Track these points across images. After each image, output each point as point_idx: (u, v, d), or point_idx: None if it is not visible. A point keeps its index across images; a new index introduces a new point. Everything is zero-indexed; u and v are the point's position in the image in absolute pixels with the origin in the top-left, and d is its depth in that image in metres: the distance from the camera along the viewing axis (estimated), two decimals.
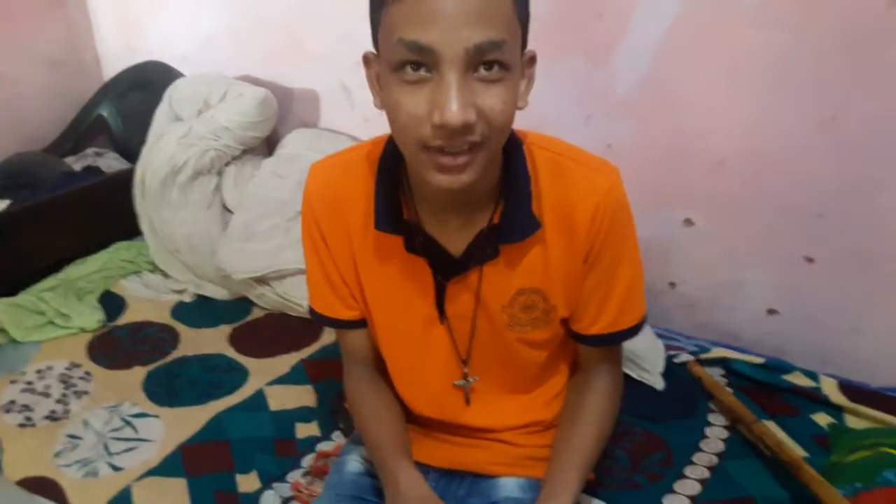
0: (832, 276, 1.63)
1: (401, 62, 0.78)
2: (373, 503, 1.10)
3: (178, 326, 1.90)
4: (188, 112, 2.16)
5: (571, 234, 0.96)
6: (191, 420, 1.52)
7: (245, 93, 2.12)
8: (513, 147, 0.94)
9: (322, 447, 1.44)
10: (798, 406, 1.49)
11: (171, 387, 1.65)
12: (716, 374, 1.59)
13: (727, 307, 1.81)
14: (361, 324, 1.11)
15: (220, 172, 2.12)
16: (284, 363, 1.73)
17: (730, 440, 1.41)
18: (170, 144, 2.06)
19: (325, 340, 1.81)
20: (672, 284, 1.86)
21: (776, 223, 1.66)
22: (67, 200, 2.11)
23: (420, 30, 0.75)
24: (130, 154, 2.45)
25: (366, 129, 2.16)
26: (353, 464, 1.17)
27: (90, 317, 1.88)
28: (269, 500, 1.30)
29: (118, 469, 1.40)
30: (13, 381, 1.66)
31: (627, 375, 1.49)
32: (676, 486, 1.30)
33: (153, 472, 1.38)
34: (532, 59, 0.88)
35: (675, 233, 1.80)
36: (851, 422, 1.44)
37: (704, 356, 1.64)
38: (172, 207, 2.05)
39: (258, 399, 1.59)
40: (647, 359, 1.58)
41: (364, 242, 1.02)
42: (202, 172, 2.06)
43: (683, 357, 1.64)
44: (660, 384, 1.56)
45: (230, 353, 1.78)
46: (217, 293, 2.05)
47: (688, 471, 1.33)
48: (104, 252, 2.17)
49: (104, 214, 2.20)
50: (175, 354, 1.78)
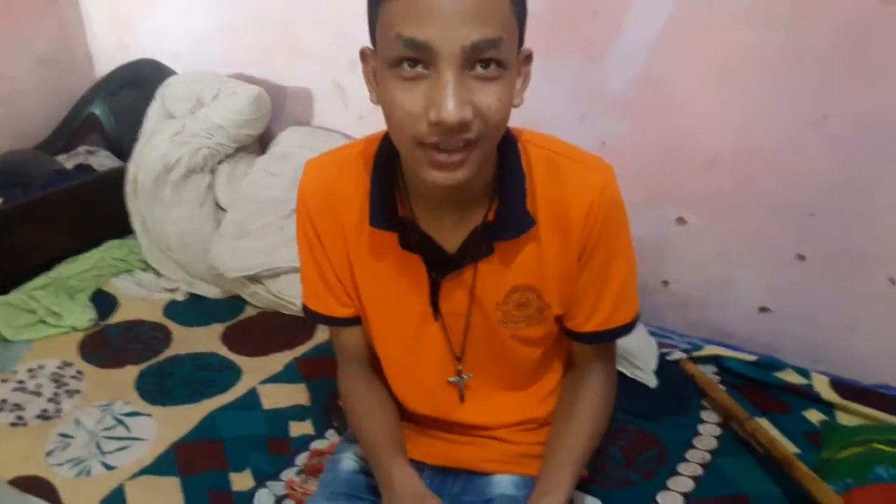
0: (824, 274, 1.64)
1: (398, 58, 0.78)
2: (367, 501, 1.10)
3: (171, 325, 1.90)
4: (181, 110, 2.15)
5: (566, 232, 0.96)
6: (184, 419, 1.51)
7: (238, 91, 2.11)
8: (508, 144, 0.94)
9: (316, 445, 1.44)
10: (790, 403, 1.50)
11: (164, 385, 1.64)
12: (709, 372, 1.60)
13: (720, 305, 1.81)
14: (356, 321, 1.11)
15: (214, 170, 2.12)
16: (277, 362, 1.72)
17: (723, 437, 1.42)
18: (163, 142, 2.05)
19: (319, 339, 1.81)
20: (665, 283, 1.87)
21: (768, 221, 1.67)
22: (59, 198, 2.10)
23: (418, 26, 0.75)
24: (122, 152, 2.44)
25: (359, 127, 2.16)
26: (348, 462, 1.17)
27: (82, 315, 1.87)
28: (263, 499, 1.30)
29: (111, 468, 1.39)
30: (4, 380, 1.65)
31: (621, 373, 1.49)
32: (670, 483, 1.30)
33: (146, 471, 1.38)
34: (528, 57, 0.88)
35: (668, 231, 1.80)
36: (843, 419, 1.45)
37: (697, 354, 1.65)
38: (165, 205, 2.04)
39: (251, 398, 1.59)
40: (641, 357, 1.58)
41: (359, 239, 1.02)
42: (195, 170, 2.05)
43: (676, 355, 1.65)
44: (653, 382, 1.57)
45: (223, 352, 1.77)
46: (210, 292, 2.04)
47: (681, 468, 1.34)
48: (96, 250, 2.16)
49: (96, 213, 2.19)
50: (167, 353, 1.77)
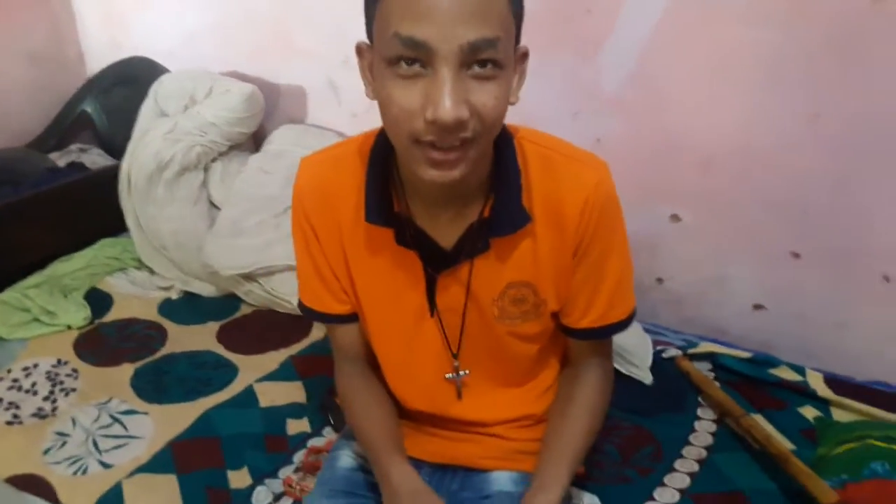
0: (818, 272, 1.65)
1: (395, 56, 0.78)
2: (365, 498, 1.10)
3: (166, 323, 1.89)
4: (174, 108, 2.15)
5: (561, 228, 0.97)
6: (180, 417, 1.51)
7: (231, 88, 2.11)
8: (504, 141, 0.95)
9: (313, 443, 1.44)
10: (785, 400, 1.51)
11: (160, 384, 1.64)
12: (704, 369, 1.61)
13: (714, 302, 1.82)
14: (352, 318, 1.11)
15: (207, 168, 2.11)
16: (273, 360, 1.72)
17: (718, 434, 1.42)
18: (155, 140, 2.04)
19: (314, 337, 1.81)
20: (659, 280, 1.87)
21: (762, 219, 1.68)
22: (52, 197, 2.09)
23: (416, 25, 0.75)
24: (115, 150, 2.43)
25: (353, 126, 2.16)
26: (346, 459, 1.17)
27: (76, 314, 1.86)
28: (261, 496, 1.30)
29: (108, 466, 1.39)
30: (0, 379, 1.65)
31: (616, 370, 1.49)
32: (666, 480, 1.31)
33: (143, 469, 1.37)
34: (525, 55, 0.89)
35: (663, 228, 1.81)
36: (838, 415, 1.46)
37: (692, 351, 1.66)
38: (158, 204, 2.04)
39: (248, 395, 1.59)
40: (636, 354, 1.59)
41: (355, 236, 1.02)
42: (188, 168, 2.05)
43: (671, 352, 1.65)
44: (648, 379, 1.57)
45: (219, 350, 1.77)
46: (204, 290, 2.04)
47: (677, 464, 1.35)
48: (90, 249, 2.15)
49: (89, 211, 2.18)
50: (163, 351, 1.77)
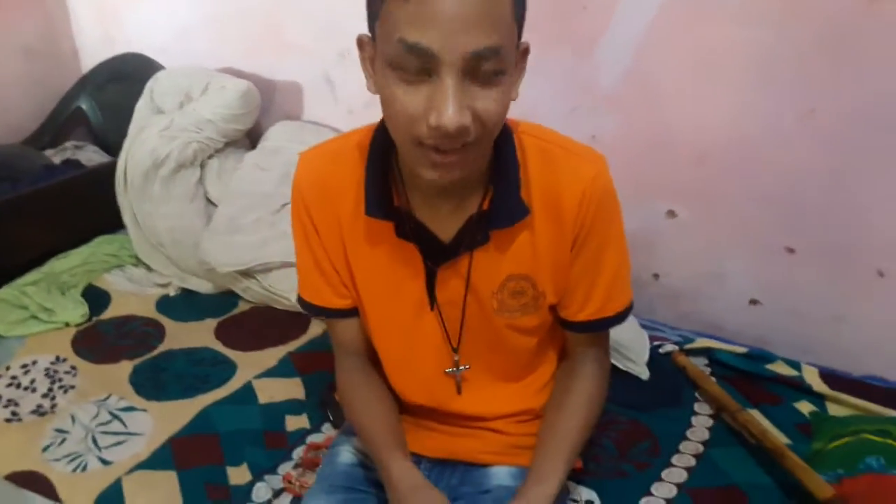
0: (813, 267, 1.66)
1: (400, 61, 0.79)
2: (365, 493, 1.11)
3: (164, 320, 1.89)
4: (170, 104, 2.14)
5: (559, 221, 0.98)
6: (179, 413, 1.51)
7: (227, 85, 2.11)
8: (503, 135, 0.95)
9: (312, 439, 1.44)
10: (781, 395, 1.52)
11: (158, 381, 1.64)
12: (700, 364, 1.62)
13: (710, 298, 1.83)
14: (352, 313, 1.12)
15: (203, 165, 2.11)
16: (272, 356, 1.72)
17: (715, 428, 1.43)
18: (152, 137, 2.04)
19: (313, 333, 1.81)
20: (656, 276, 1.88)
21: (758, 215, 1.68)
22: (49, 194, 2.08)
23: (422, 33, 0.76)
24: (110, 147, 2.43)
25: (349, 122, 2.16)
26: (346, 455, 1.17)
27: (74, 311, 1.86)
28: (261, 493, 1.30)
29: (107, 463, 1.39)
30: None
31: (613, 366, 1.51)
32: (663, 474, 1.32)
33: (143, 466, 1.37)
34: (525, 52, 0.89)
35: (659, 225, 1.82)
36: (833, 409, 1.47)
37: (689, 346, 1.67)
38: (155, 201, 2.03)
39: (246, 392, 1.59)
40: (633, 349, 1.59)
41: (354, 229, 1.03)
42: (185, 165, 2.05)
43: (668, 347, 1.66)
44: (645, 374, 1.58)
45: (217, 347, 1.77)
46: (202, 287, 2.04)
47: (674, 459, 1.35)
48: (87, 246, 2.14)
49: (86, 208, 2.17)
50: (161, 348, 1.76)
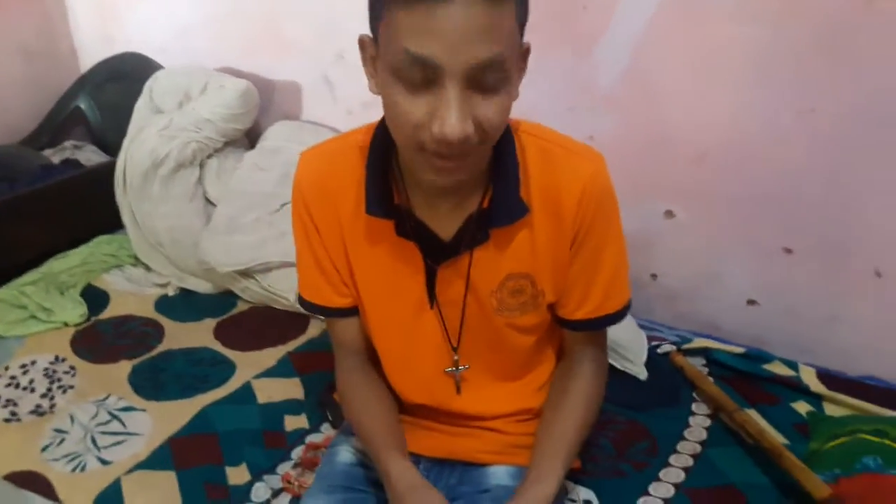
0: (810, 267, 1.66)
1: (403, 70, 0.79)
2: (364, 493, 1.11)
3: (163, 320, 1.89)
4: (169, 104, 2.14)
5: (558, 219, 0.99)
6: (178, 413, 1.51)
7: (226, 84, 2.11)
8: (504, 135, 0.95)
9: (311, 439, 1.44)
10: (778, 395, 1.52)
11: (157, 381, 1.64)
12: (698, 364, 1.62)
13: (708, 298, 1.83)
14: (352, 312, 1.12)
15: (202, 165, 2.11)
16: (271, 356, 1.72)
17: (712, 429, 1.44)
18: (151, 137, 2.04)
19: (312, 333, 1.81)
20: (654, 276, 1.89)
21: (755, 215, 1.69)
22: (48, 194, 2.08)
23: (426, 44, 0.76)
24: (109, 146, 2.43)
25: (348, 122, 2.16)
26: (345, 454, 1.17)
27: (73, 311, 1.86)
28: (260, 492, 1.30)
29: (106, 463, 1.39)
30: None
31: (611, 366, 1.51)
32: (661, 474, 1.32)
33: (142, 466, 1.38)
34: (526, 52, 0.89)
35: (657, 225, 1.82)
36: (830, 409, 1.47)
37: (686, 346, 1.67)
38: (154, 201, 2.03)
39: (245, 392, 1.59)
40: (631, 349, 1.60)
41: (355, 228, 1.03)
42: (184, 165, 2.05)
43: (666, 347, 1.67)
44: (643, 374, 1.59)
45: (216, 347, 1.77)
46: (200, 287, 2.04)
47: (672, 459, 1.36)
48: (85, 246, 2.14)
49: (85, 208, 2.17)
50: (160, 348, 1.77)
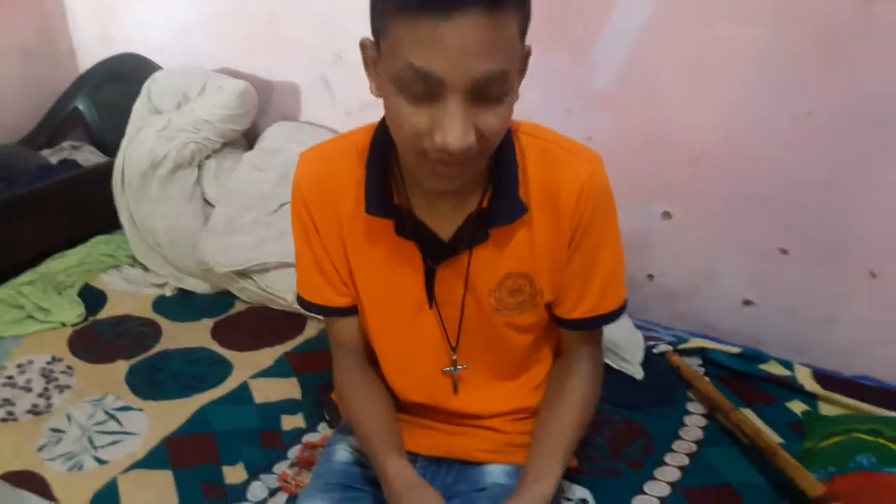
0: (806, 268, 1.67)
1: (406, 82, 0.79)
2: (362, 491, 1.11)
3: (160, 320, 1.89)
4: (168, 105, 2.15)
5: (557, 217, 0.99)
6: (175, 413, 1.52)
7: (225, 85, 2.11)
8: (504, 136, 0.96)
9: (308, 438, 1.44)
10: (774, 394, 1.53)
11: (154, 380, 1.64)
12: (694, 364, 1.63)
13: (704, 298, 1.84)
14: (351, 311, 1.13)
15: (201, 166, 2.11)
16: (268, 356, 1.73)
17: (708, 428, 1.44)
18: (149, 137, 2.04)
19: (309, 333, 1.81)
20: (650, 276, 1.89)
21: (752, 216, 1.69)
22: (46, 194, 2.08)
23: (430, 58, 0.76)
24: (106, 147, 2.43)
25: (347, 123, 2.16)
26: (342, 453, 1.18)
27: (70, 311, 1.86)
28: (257, 492, 1.31)
29: (103, 462, 1.39)
30: None
31: (607, 366, 1.52)
32: (657, 473, 1.32)
33: (139, 465, 1.38)
34: (527, 54, 0.89)
35: (654, 225, 1.82)
36: (825, 409, 1.48)
37: (683, 346, 1.67)
38: (152, 201, 2.04)
39: (242, 392, 1.59)
40: (627, 349, 1.60)
41: (354, 228, 1.04)
42: (182, 166, 2.05)
43: (662, 347, 1.67)
44: (639, 374, 1.59)
45: (213, 347, 1.77)
46: (198, 287, 2.04)
47: (667, 458, 1.36)
48: (83, 246, 2.14)
49: (83, 208, 2.17)
50: (157, 348, 1.77)
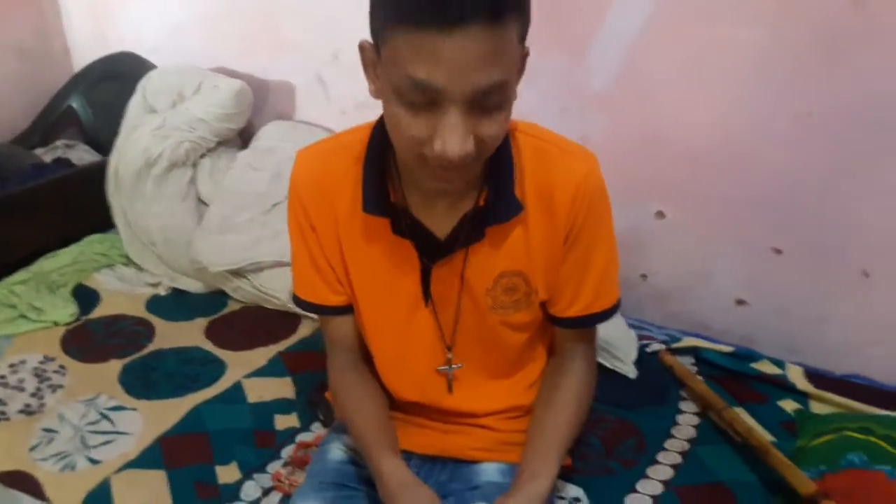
0: (799, 268, 1.67)
1: (405, 92, 0.80)
2: (356, 490, 1.11)
3: (154, 319, 1.89)
4: (163, 104, 2.14)
5: (552, 216, 1.00)
6: (169, 413, 1.51)
7: (220, 84, 2.11)
8: None
9: (302, 438, 1.44)
10: (766, 393, 1.53)
11: (148, 380, 1.64)
12: (687, 363, 1.63)
13: (697, 298, 1.84)
14: (347, 310, 1.13)
15: (195, 165, 2.11)
16: (262, 356, 1.72)
17: (701, 426, 1.45)
18: (144, 136, 2.04)
19: (303, 333, 1.81)
20: (644, 276, 1.89)
21: (745, 216, 1.70)
22: (39, 193, 2.08)
23: (430, 70, 0.76)
24: (101, 146, 2.42)
25: (342, 123, 2.14)
26: (336, 452, 1.18)
27: (63, 310, 1.86)
28: (250, 491, 1.30)
29: (96, 462, 1.39)
30: None
31: (601, 364, 1.52)
32: (649, 472, 1.33)
33: (132, 465, 1.38)
34: (526, 55, 0.89)
35: (648, 225, 1.83)
36: (816, 408, 1.48)
37: (676, 345, 1.68)
38: (147, 200, 2.03)
39: (236, 391, 1.59)
40: (620, 348, 1.61)
41: (351, 227, 1.04)
42: (177, 164, 2.05)
43: (655, 346, 1.68)
44: (632, 373, 1.59)
45: (207, 346, 1.77)
46: (192, 286, 2.04)
47: (660, 456, 1.37)
48: (76, 245, 2.14)
49: (77, 207, 2.17)
50: (151, 347, 1.76)
